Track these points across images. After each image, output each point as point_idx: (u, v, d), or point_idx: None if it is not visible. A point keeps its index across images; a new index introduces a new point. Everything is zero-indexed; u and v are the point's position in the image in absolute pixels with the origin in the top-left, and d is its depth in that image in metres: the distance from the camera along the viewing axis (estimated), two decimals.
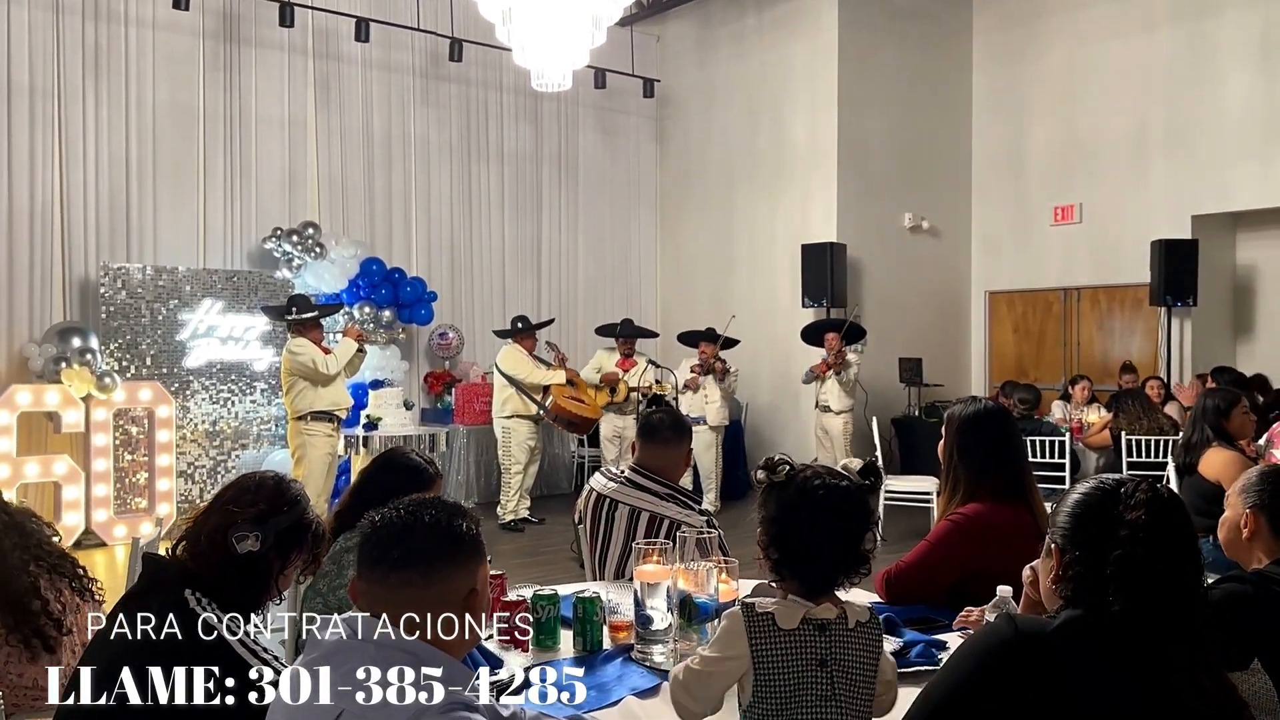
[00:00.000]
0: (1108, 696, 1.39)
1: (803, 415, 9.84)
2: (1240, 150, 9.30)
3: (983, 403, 2.86)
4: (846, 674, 1.55)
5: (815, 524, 1.49)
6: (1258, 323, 10.08)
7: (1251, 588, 2.22)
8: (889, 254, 10.45)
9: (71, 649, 2.67)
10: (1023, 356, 10.95)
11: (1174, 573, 1.47)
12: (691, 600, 2.17)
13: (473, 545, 1.46)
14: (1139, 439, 6.66)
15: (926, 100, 10.77)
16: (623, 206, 11.45)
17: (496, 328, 9.66)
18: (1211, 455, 4.33)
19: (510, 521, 8.14)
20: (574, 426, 8.30)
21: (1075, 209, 10.45)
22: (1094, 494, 1.54)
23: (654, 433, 3.11)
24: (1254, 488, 2.39)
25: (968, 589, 2.58)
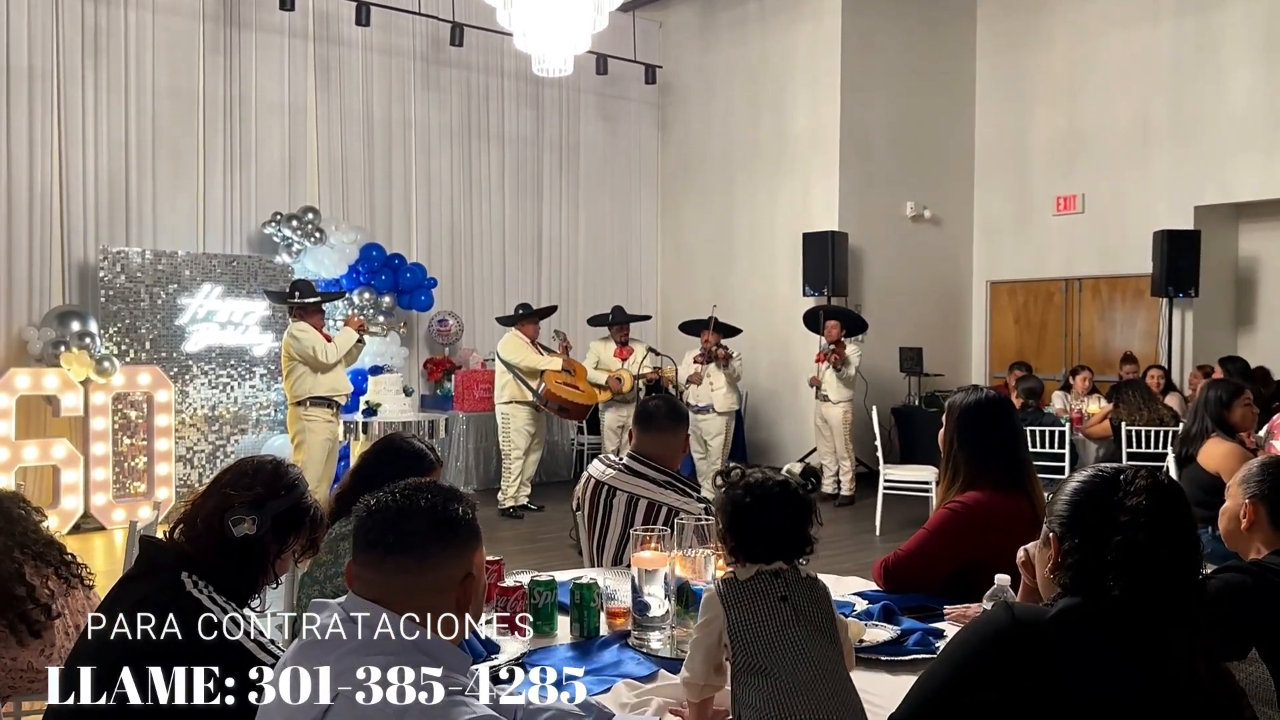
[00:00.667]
0: (1106, 683, 1.38)
1: (802, 404, 9.83)
2: (1243, 141, 9.27)
3: (984, 392, 2.85)
4: (808, 605, 1.65)
5: (759, 510, 1.68)
6: (1259, 314, 10.07)
7: (1250, 578, 2.22)
8: (890, 243, 10.43)
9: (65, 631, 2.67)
10: (1024, 347, 10.94)
11: (1174, 560, 1.46)
12: (689, 587, 2.16)
13: (469, 530, 1.46)
14: (1139, 430, 6.65)
15: (929, 88, 10.73)
16: (623, 193, 11.42)
17: (496, 314, 9.66)
18: (1211, 446, 4.33)
19: (510, 508, 8.15)
20: (566, 412, 8.29)
21: (1078, 199, 10.42)
22: (1093, 482, 1.54)
23: (651, 420, 3.11)
24: (1254, 478, 2.39)
25: (966, 578, 2.57)
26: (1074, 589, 1.48)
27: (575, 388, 8.16)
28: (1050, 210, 10.63)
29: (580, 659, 2.15)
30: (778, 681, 1.54)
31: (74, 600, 2.78)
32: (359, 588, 1.41)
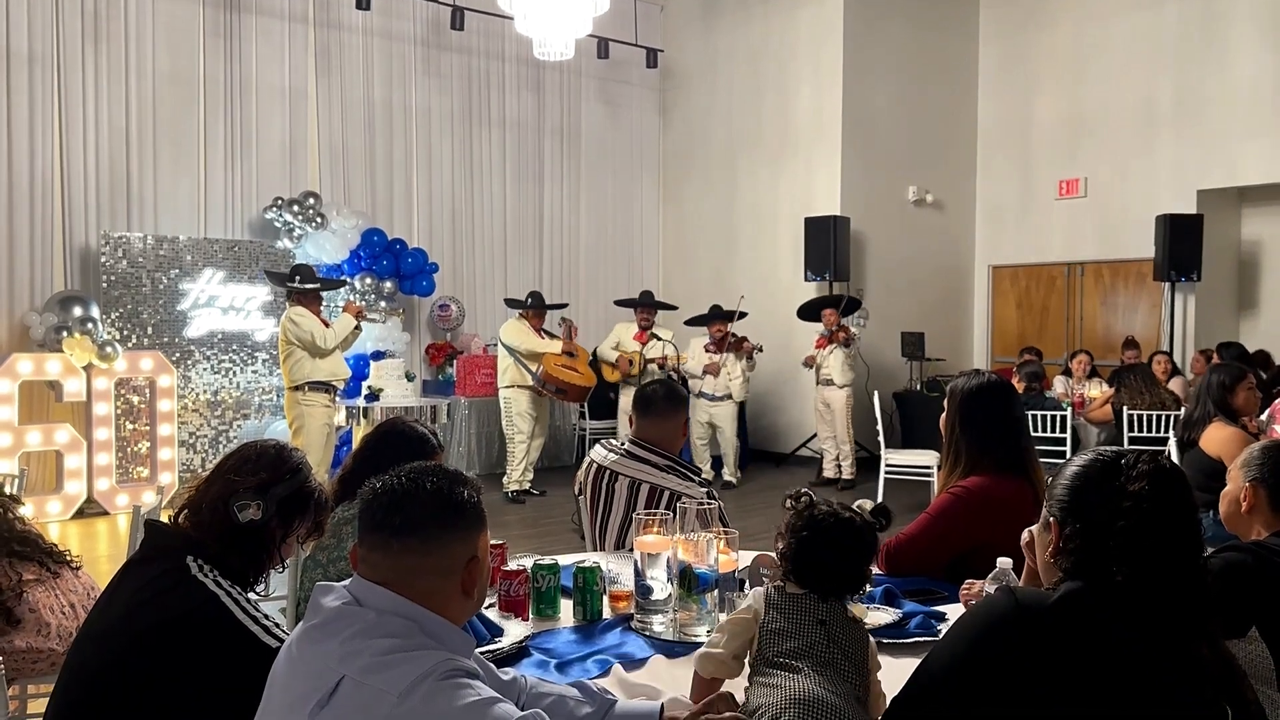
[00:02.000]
0: (1108, 668, 1.39)
1: (803, 389, 9.83)
2: (1248, 125, 9.23)
3: (986, 376, 2.85)
4: (843, 637, 1.63)
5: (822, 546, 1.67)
6: (1261, 298, 10.06)
7: (1251, 557, 2.23)
8: (892, 227, 10.40)
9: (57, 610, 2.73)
10: (1025, 331, 10.93)
11: (1177, 544, 1.47)
12: (691, 570, 2.17)
13: (474, 513, 1.46)
14: (1141, 414, 6.65)
15: (932, 72, 10.68)
16: (625, 178, 11.39)
17: (498, 299, 9.64)
18: (1213, 431, 4.33)
19: (514, 492, 8.17)
20: (564, 394, 8.31)
21: (1080, 183, 10.40)
22: (1093, 466, 1.54)
23: (649, 405, 3.11)
24: (1255, 462, 2.41)
25: (968, 561, 2.58)
26: (1076, 573, 1.48)
27: (574, 370, 8.17)
28: (1053, 194, 10.61)
29: (583, 642, 2.16)
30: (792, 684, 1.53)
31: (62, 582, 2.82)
32: (364, 570, 1.41)
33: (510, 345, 8.19)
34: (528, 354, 8.17)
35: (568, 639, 2.18)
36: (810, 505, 1.72)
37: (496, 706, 1.26)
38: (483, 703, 1.26)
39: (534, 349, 8.16)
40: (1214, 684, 1.42)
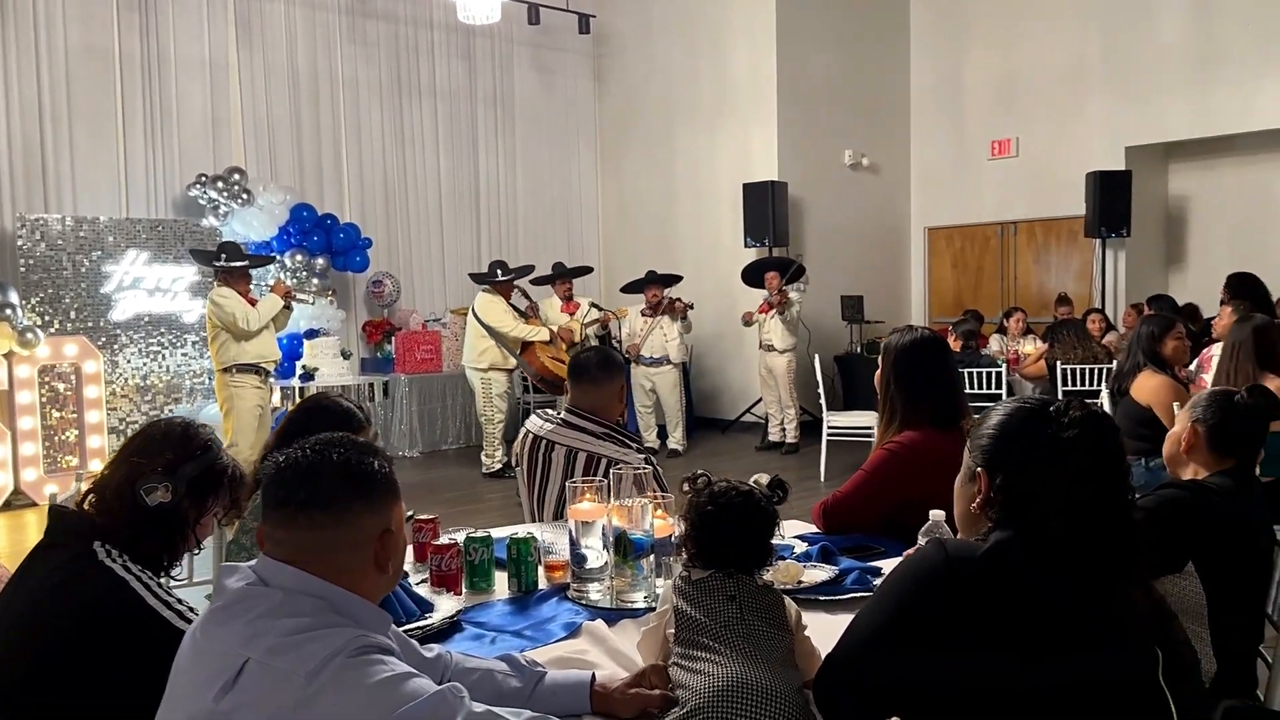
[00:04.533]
0: (1038, 617, 1.38)
1: (746, 354, 9.86)
2: (1174, 81, 9.38)
3: (918, 332, 2.85)
4: (754, 610, 1.62)
5: (721, 521, 1.67)
6: (1189, 252, 10.29)
7: (1189, 494, 2.27)
8: (830, 192, 10.43)
9: None
10: (962, 291, 11.07)
11: (1109, 491, 1.46)
12: (626, 536, 2.14)
13: (385, 484, 1.40)
14: (1074, 368, 6.77)
15: (865, 34, 10.69)
16: (562, 145, 11.25)
17: (435, 273, 9.50)
18: (1144, 379, 4.41)
19: (499, 469, 8.06)
20: (554, 387, 8.21)
21: (1012, 143, 10.51)
22: (1019, 414, 1.52)
23: (583, 372, 3.07)
24: (1202, 404, 2.50)
25: (904, 516, 2.58)
26: (1005, 523, 1.47)
27: (561, 360, 8.06)
28: (985, 155, 10.71)
29: (518, 614, 2.12)
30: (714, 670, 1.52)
31: None
32: (270, 549, 1.35)
33: (496, 329, 8.04)
34: (514, 340, 8.05)
35: (502, 611, 2.14)
36: (709, 483, 1.75)
37: (411, 681, 1.22)
38: (396, 678, 1.21)
39: (522, 336, 8.06)
40: (1145, 627, 1.42)
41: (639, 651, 1.74)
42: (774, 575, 2.14)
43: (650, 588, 2.13)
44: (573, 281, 8.99)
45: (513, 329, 8.04)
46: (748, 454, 9.02)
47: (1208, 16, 9.18)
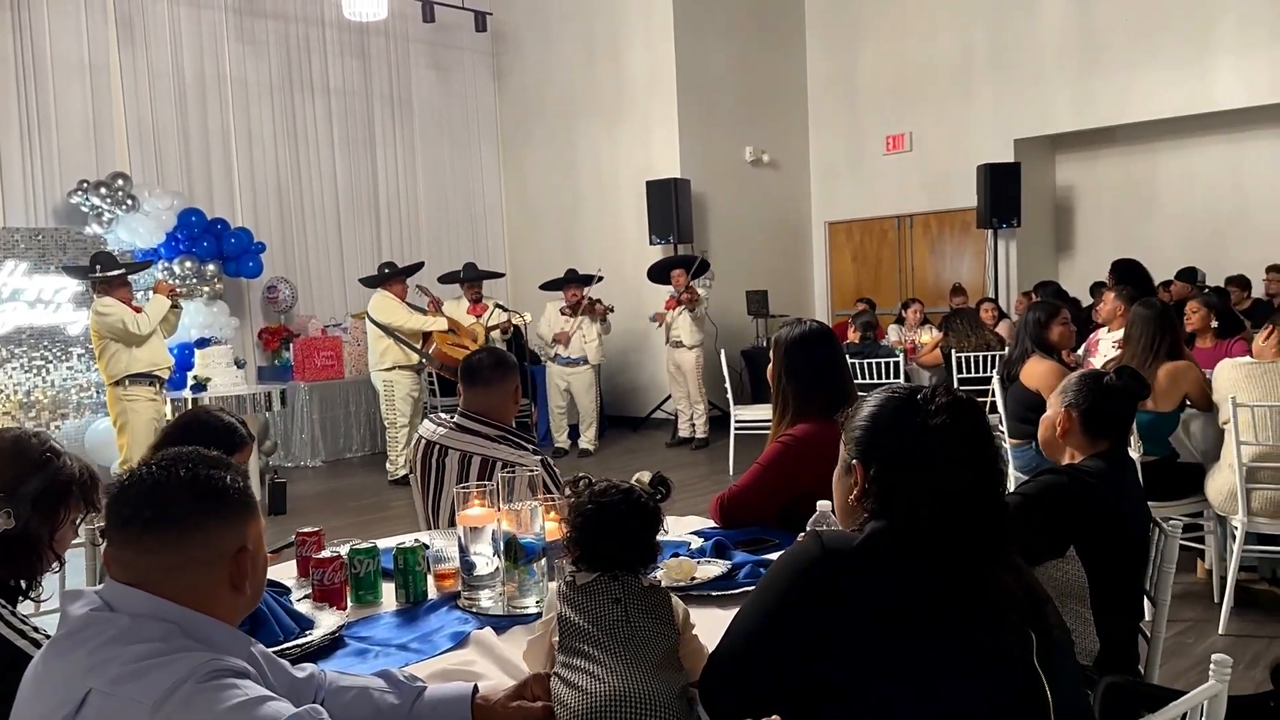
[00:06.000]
0: (917, 601, 1.39)
1: (654, 352, 9.88)
2: (1057, 74, 9.72)
3: (807, 324, 2.86)
4: (640, 611, 1.59)
5: (603, 521, 1.65)
6: (1077, 241, 10.67)
7: (1067, 479, 2.31)
8: (732, 188, 10.52)
9: None
10: (862, 283, 11.28)
11: (977, 475, 1.47)
12: (517, 541, 2.09)
13: (239, 499, 1.33)
14: (968, 356, 6.94)
15: (761, 30, 10.80)
16: (463, 145, 11.10)
17: (334, 277, 9.28)
18: (1032, 365, 4.53)
19: (404, 476, 7.90)
20: None
21: (906, 137, 10.74)
22: (888, 404, 1.53)
23: (475, 374, 3.01)
24: (1071, 388, 2.52)
25: (801, 507, 2.59)
26: (880, 513, 1.47)
27: (465, 347, 7.94)
28: (881, 149, 10.93)
29: (404, 626, 2.05)
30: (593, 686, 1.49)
31: None
32: (116, 571, 1.27)
33: (389, 325, 7.87)
34: (411, 333, 7.89)
35: (388, 624, 2.07)
36: (590, 485, 1.72)
37: (266, 705, 1.15)
38: (250, 702, 1.14)
39: (418, 327, 7.91)
40: (1019, 611, 1.44)
41: (525, 661, 1.70)
42: (666, 573, 2.12)
43: (542, 592, 2.09)
44: (482, 284, 8.88)
45: (407, 321, 7.91)
46: (659, 451, 9.03)
47: (1087, 12, 9.52)
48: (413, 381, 8.10)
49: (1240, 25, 8.77)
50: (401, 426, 8.01)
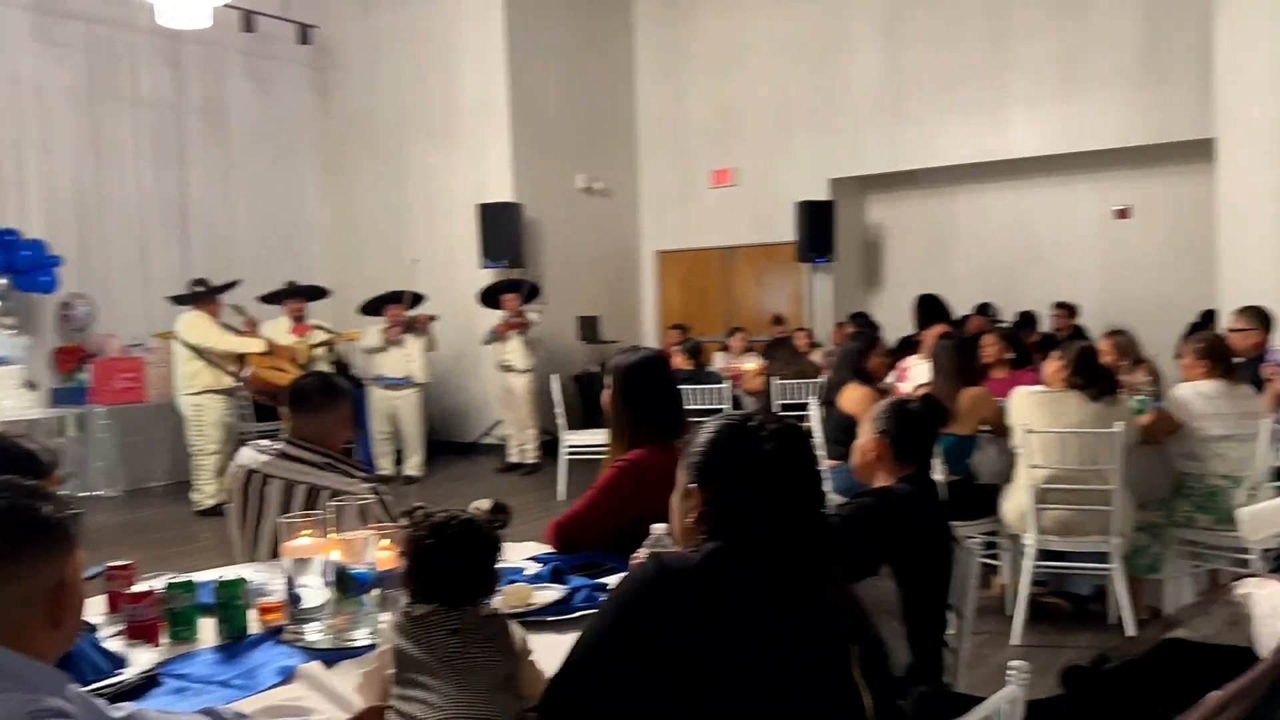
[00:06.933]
0: (750, 618, 1.45)
1: (484, 376, 9.79)
2: (868, 118, 10.32)
3: (642, 351, 2.94)
4: (481, 636, 1.59)
5: (441, 552, 1.62)
6: (885, 277, 11.32)
7: (880, 502, 2.46)
8: (564, 214, 10.59)
9: None
10: (690, 311, 11.56)
11: (803, 498, 1.56)
12: (347, 571, 2.04)
13: (59, 532, 1.24)
14: (788, 383, 7.24)
15: (594, 60, 10.98)
16: (284, 162, 10.69)
17: (138, 294, 8.74)
18: (849, 391, 4.78)
19: (212, 507, 7.44)
20: (277, 399, 7.68)
21: (731, 172, 11.14)
22: (723, 431, 1.61)
23: (304, 399, 2.91)
24: (881, 416, 2.67)
25: (636, 531, 2.63)
26: (717, 534, 1.53)
27: (283, 370, 7.56)
28: (707, 183, 11.28)
29: (225, 662, 1.96)
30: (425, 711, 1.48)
31: None
32: None
33: (199, 345, 7.42)
34: (224, 355, 7.46)
35: (208, 661, 1.98)
36: (428, 515, 1.69)
37: None
38: None
39: (234, 349, 7.49)
40: (841, 625, 1.52)
41: (358, 694, 1.66)
42: (503, 599, 2.12)
43: (374, 624, 2.04)
44: (305, 303, 8.55)
45: (220, 342, 7.53)
46: (488, 476, 8.93)
47: (896, 61, 10.18)
48: (225, 406, 7.70)
49: (1032, 80, 9.59)
50: (211, 454, 7.59)
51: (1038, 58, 9.53)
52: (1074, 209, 10.13)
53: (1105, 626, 4.47)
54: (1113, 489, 4.13)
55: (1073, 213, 10.13)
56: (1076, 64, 9.38)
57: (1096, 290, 9.75)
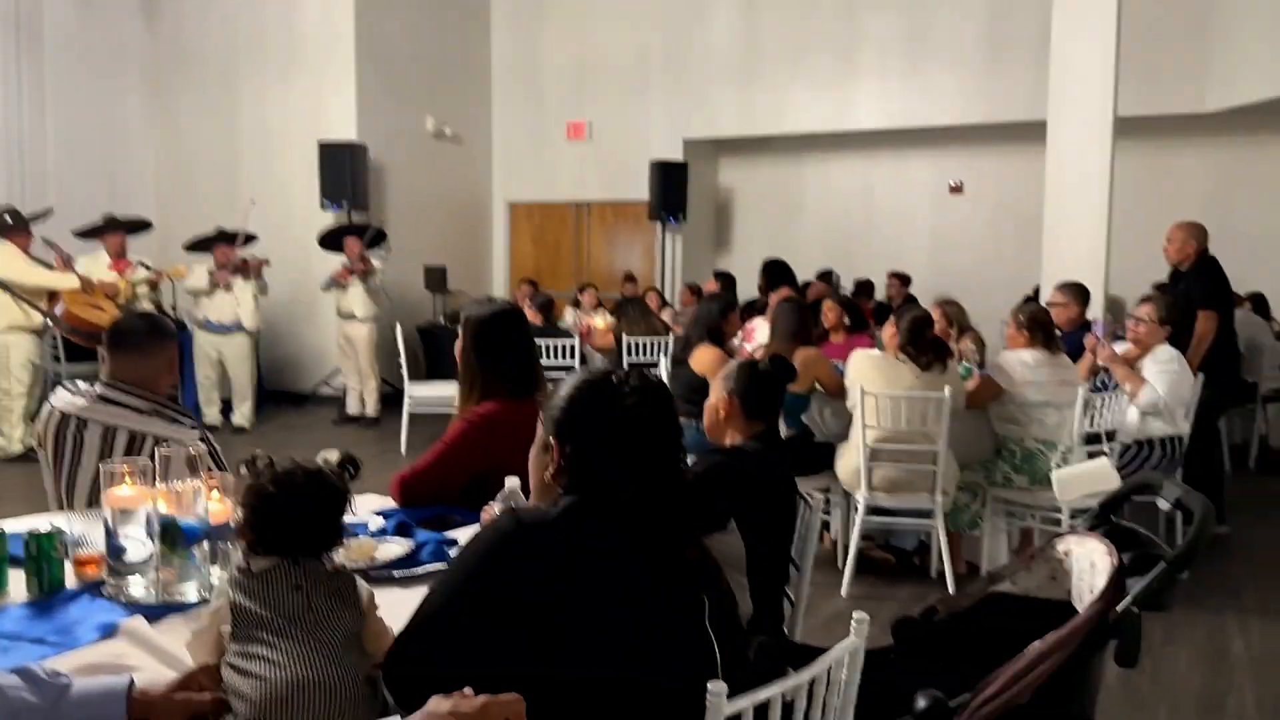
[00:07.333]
0: (606, 572, 1.45)
1: (321, 323, 9.44)
2: (724, 81, 10.43)
3: (497, 303, 2.88)
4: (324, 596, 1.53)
5: (286, 504, 1.54)
6: (734, 239, 11.53)
7: (730, 460, 2.51)
8: (413, 159, 10.26)
9: None
10: (540, 266, 11.48)
11: (665, 454, 1.57)
12: (175, 524, 1.92)
13: None
14: (638, 340, 7.30)
15: (446, 2, 10.62)
16: (106, 86, 9.88)
17: None
18: (701, 351, 4.85)
19: (21, 452, 6.89)
20: (95, 338, 7.14)
21: (586, 126, 11.05)
22: (585, 386, 1.59)
23: (126, 339, 2.71)
24: (732, 375, 2.73)
25: (483, 486, 2.59)
26: (574, 489, 1.52)
27: (99, 308, 7.05)
28: (562, 136, 11.16)
29: (39, 618, 1.83)
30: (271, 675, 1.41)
31: None
32: None
33: (5, 279, 6.85)
34: (34, 290, 6.89)
35: (19, 616, 1.83)
36: (270, 464, 1.61)
37: None
38: None
39: (44, 284, 6.94)
40: (695, 578, 1.54)
41: (189, 652, 1.57)
42: (346, 555, 2.04)
43: (204, 578, 1.94)
44: (126, 238, 7.99)
45: (29, 276, 7.00)
46: (324, 428, 8.64)
47: (751, 26, 10.30)
48: (33, 345, 7.16)
49: (879, 54, 9.88)
50: (18, 396, 7.08)
51: (885, 33, 9.83)
52: (912, 182, 10.57)
53: (927, 579, 4.75)
54: (939, 450, 4.36)
55: (910, 186, 10.56)
56: (922, 41, 9.73)
57: (927, 261, 10.23)
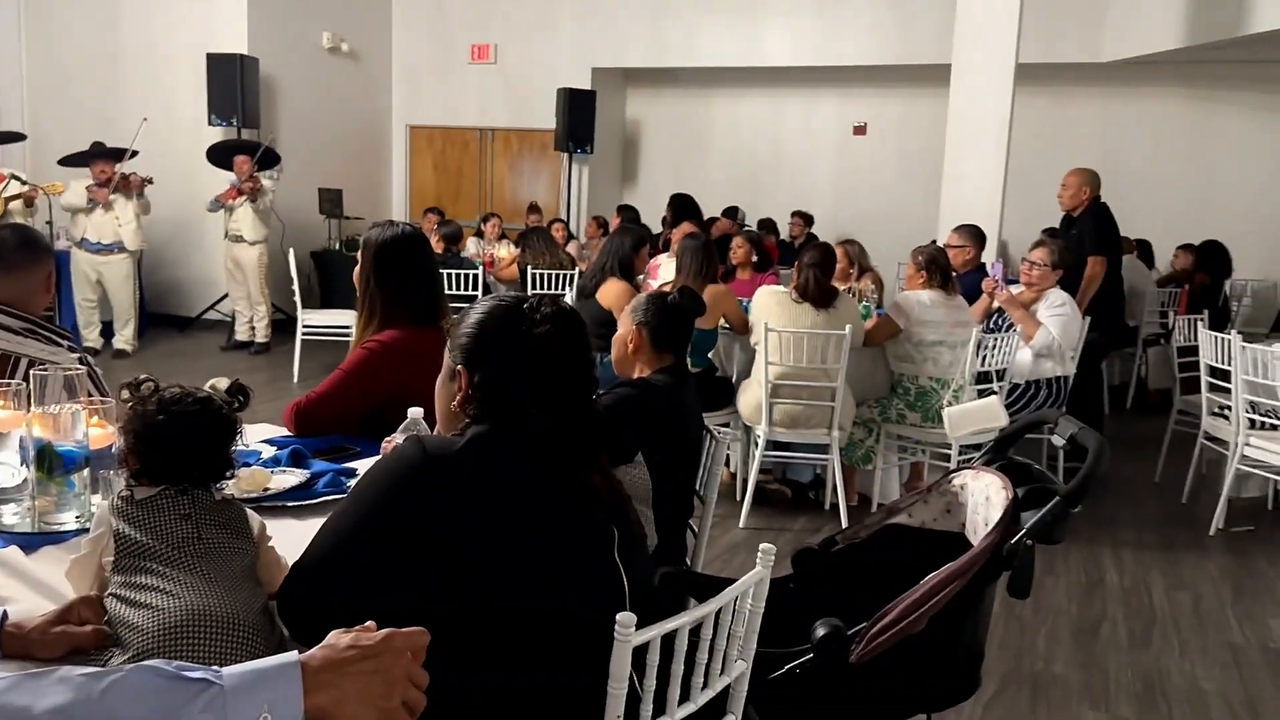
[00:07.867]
0: (518, 500, 1.42)
1: (208, 246, 9.05)
2: (634, 10, 10.22)
3: (400, 227, 2.77)
4: (214, 527, 1.47)
5: (173, 432, 1.48)
6: (640, 171, 11.44)
7: (638, 392, 2.50)
8: (307, 75, 9.82)
9: None
10: (442, 192, 11.19)
11: (576, 382, 1.54)
12: (52, 449, 1.81)
13: None
14: (542, 273, 7.20)
15: None
16: None
17: None
18: (609, 285, 4.81)
19: None
20: None
21: (491, 49, 10.73)
22: (495, 312, 1.55)
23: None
24: (640, 307, 2.71)
25: (384, 414, 2.52)
26: (483, 417, 1.48)
27: None
28: (466, 58, 10.82)
29: None
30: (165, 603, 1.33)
31: None
32: None
33: None
34: None
35: None
36: (156, 389, 1.54)
37: None
38: None
39: None
40: (604, 509, 1.53)
41: (69, 582, 1.48)
42: (237, 485, 1.96)
43: (83, 506, 1.83)
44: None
45: None
46: (211, 355, 8.34)
47: None
48: None
49: None
50: None
51: None
52: (818, 122, 10.62)
53: (821, 511, 4.87)
54: (837, 386, 4.45)
55: (817, 126, 10.61)
56: None
57: (831, 202, 10.34)
